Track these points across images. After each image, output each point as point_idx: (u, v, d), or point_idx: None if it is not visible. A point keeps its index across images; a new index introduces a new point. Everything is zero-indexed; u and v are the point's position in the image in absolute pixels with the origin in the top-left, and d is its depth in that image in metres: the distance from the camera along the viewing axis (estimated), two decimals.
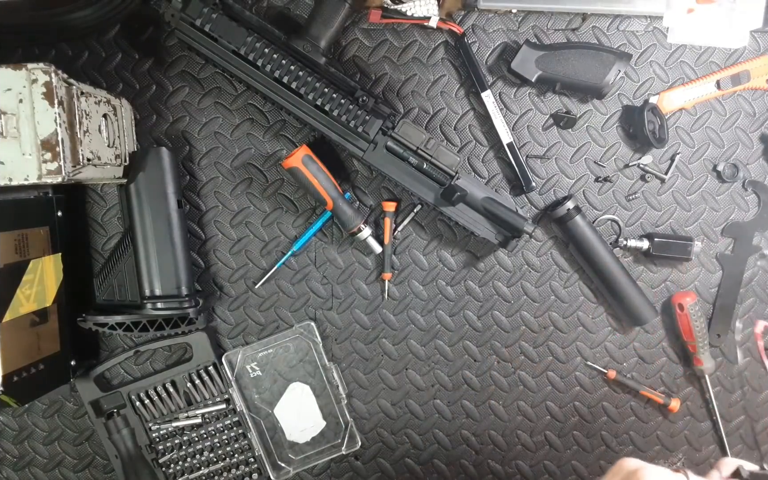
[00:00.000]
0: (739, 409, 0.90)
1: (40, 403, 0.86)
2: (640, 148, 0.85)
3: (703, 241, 0.86)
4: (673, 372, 0.89)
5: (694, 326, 0.84)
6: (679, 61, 0.84)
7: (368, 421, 0.89)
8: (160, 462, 0.86)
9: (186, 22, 0.72)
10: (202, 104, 0.83)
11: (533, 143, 0.84)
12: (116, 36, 0.82)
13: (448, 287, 0.87)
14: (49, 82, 0.64)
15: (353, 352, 0.88)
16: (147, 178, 0.77)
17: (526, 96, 0.84)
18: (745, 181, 0.86)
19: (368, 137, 0.76)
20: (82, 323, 0.78)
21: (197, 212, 0.85)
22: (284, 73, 0.74)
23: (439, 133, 0.84)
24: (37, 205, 0.74)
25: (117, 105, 0.77)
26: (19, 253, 0.70)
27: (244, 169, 0.84)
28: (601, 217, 0.86)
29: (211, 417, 0.86)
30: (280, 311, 0.86)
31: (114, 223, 0.84)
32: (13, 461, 0.88)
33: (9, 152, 0.64)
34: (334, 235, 0.85)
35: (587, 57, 0.79)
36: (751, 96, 0.85)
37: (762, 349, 0.79)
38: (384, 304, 0.86)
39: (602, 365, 0.88)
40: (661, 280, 0.87)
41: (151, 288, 0.77)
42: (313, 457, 0.88)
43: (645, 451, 0.90)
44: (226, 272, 0.86)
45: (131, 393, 0.85)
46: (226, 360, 0.85)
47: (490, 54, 0.83)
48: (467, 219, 0.79)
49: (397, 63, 0.83)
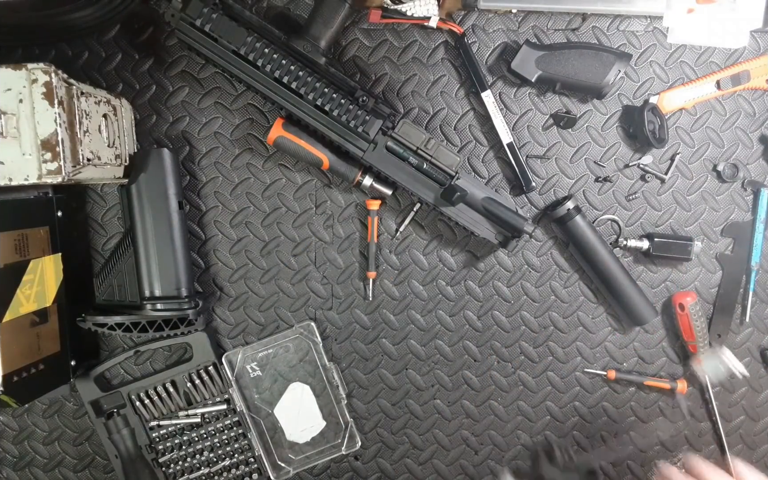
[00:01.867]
0: (739, 409, 0.90)
1: (40, 403, 0.86)
2: (640, 148, 0.85)
3: (703, 241, 0.86)
4: (673, 372, 0.89)
5: (694, 326, 0.84)
6: (679, 61, 0.84)
7: (368, 421, 0.89)
8: (160, 462, 0.86)
9: (186, 22, 0.72)
10: (202, 104, 0.83)
11: (533, 143, 0.84)
12: (116, 36, 0.82)
13: (448, 287, 0.87)
14: (49, 82, 0.64)
15: (353, 352, 0.88)
16: (148, 179, 0.77)
17: (526, 96, 0.84)
18: (745, 181, 0.86)
19: (368, 137, 0.76)
20: (82, 323, 0.78)
21: (197, 212, 0.85)
22: (284, 73, 0.74)
23: (439, 133, 0.84)
24: (37, 205, 0.74)
25: (117, 105, 0.77)
26: (19, 253, 0.70)
27: (244, 168, 0.84)
28: (601, 217, 0.86)
29: (211, 417, 0.87)
30: (280, 311, 0.86)
31: (114, 223, 0.84)
32: (13, 461, 0.88)
33: (9, 152, 0.64)
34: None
35: (587, 57, 0.79)
36: (751, 96, 0.85)
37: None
38: (383, 304, 0.87)
39: (602, 365, 0.88)
40: (661, 280, 0.87)
41: (151, 289, 0.77)
42: (313, 457, 0.88)
43: (645, 451, 0.90)
44: (226, 272, 0.86)
45: (131, 393, 0.85)
46: (226, 360, 0.85)
47: (490, 54, 0.83)
48: (467, 219, 0.79)
49: (397, 63, 0.83)
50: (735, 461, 0.69)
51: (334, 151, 0.79)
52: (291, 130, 0.78)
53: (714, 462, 0.66)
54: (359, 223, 0.85)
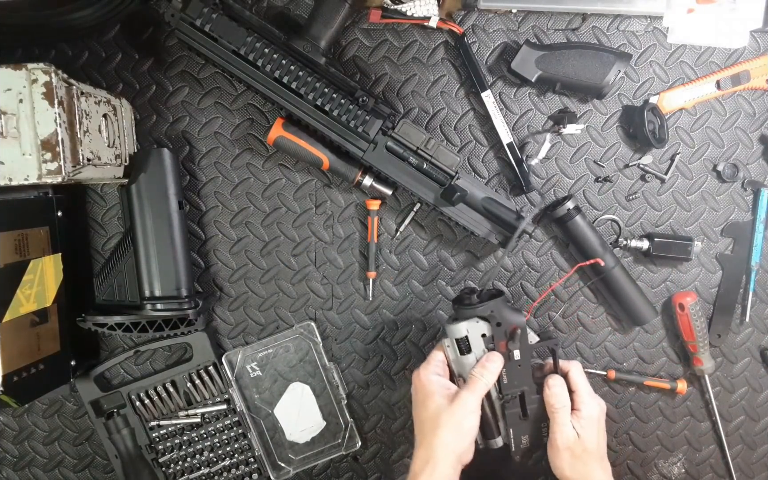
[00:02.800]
0: (739, 409, 0.90)
1: (40, 403, 0.87)
2: (640, 148, 0.85)
3: (703, 241, 0.86)
4: (673, 372, 0.89)
5: (694, 326, 0.84)
6: (679, 61, 0.84)
7: (368, 421, 0.89)
8: (160, 462, 0.86)
9: (186, 22, 0.72)
10: (202, 104, 0.83)
11: (533, 143, 0.84)
12: (116, 36, 0.82)
13: (448, 287, 0.87)
14: (49, 82, 0.64)
15: (353, 352, 0.88)
16: (148, 180, 0.77)
17: (526, 96, 0.84)
18: (745, 181, 0.86)
19: (368, 137, 0.76)
20: (82, 323, 0.78)
21: (197, 212, 0.85)
22: (284, 73, 0.74)
23: (439, 133, 0.84)
24: (37, 205, 0.74)
25: (117, 105, 0.77)
26: (19, 253, 0.70)
27: (244, 168, 0.84)
28: (601, 217, 0.86)
29: (211, 417, 0.87)
30: (280, 311, 0.86)
31: (114, 223, 0.84)
32: (13, 461, 0.88)
33: (9, 152, 0.64)
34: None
35: (587, 57, 0.79)
36: (751, 96, 0.85)
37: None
38: (383, 304, 0.87)
39: (602, 365, 0.88)
40: (661, 280, 0.87)
41: (151, 289, 0.77)
42: (313, 457, 0.88)
43: (645, 451, 0.90)
44: (226, 272, 0.86)
45: (131, 393, 0.85)
46: (226, 360, 0.85)
47: (490, 54, 0.83)
48: (467, 219, 0.79)
49: (397, 63, 0.83)
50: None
51: (334, 151, 0.79)
52: (291, 130, 0.78)
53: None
54: (359, 223, 0.85)
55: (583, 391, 0.72)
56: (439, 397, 0.68)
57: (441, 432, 0.66)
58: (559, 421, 0.70)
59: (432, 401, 0.69)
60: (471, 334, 0.71)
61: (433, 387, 0.69)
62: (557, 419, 0.70)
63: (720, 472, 0.90)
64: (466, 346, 0.71)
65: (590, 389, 0.73)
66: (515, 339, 0.71)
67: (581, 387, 0.72)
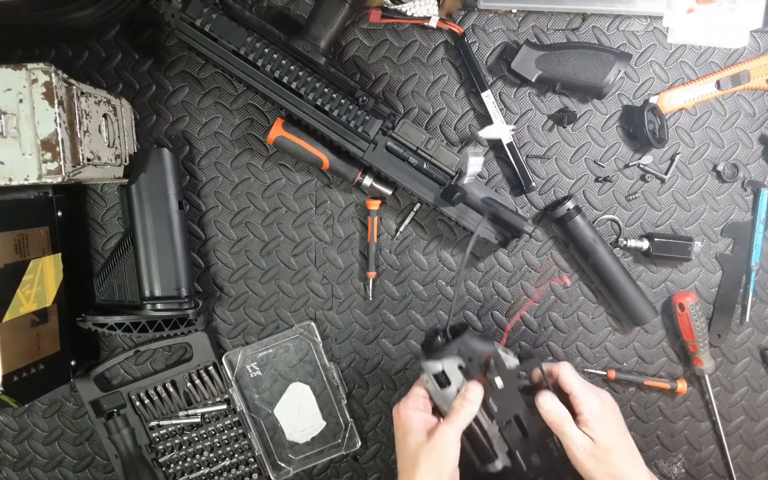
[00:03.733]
0: (739, 409, 0.90)
1: (40, 403, 0.87)
2: (640, 148, 0.85)
3: (703, 241, 0.86)
4: (673, 372, 0.89)
5: (694, 326, 0.84)
6: (679, 61, 0.84)
7: (368, 421, 0.89)
8: (160, 462, 0.86)
9: (186, 22, 0.72)
10: (202, 104, 0.83)
11: (533, 143, 0.84)
12: (116, 36, 0.82)
13: (448, 287, 0.87)
14: (49, 82, 0.64)
15: (353, 352, 0.88)
16: (149, 180, 0.77)
17: (526, 96, 0.84)
18: (745, 181, 0.86)
19: (368, 137, 0.76)
20: (82, 323, 0.78)
21: (197, 212, 0.85)
22: (284, 73, 0.74)
23: (439, 133, 0.84)
24: (37, 205, 0.74)
25: (117, 105, 0.77)
26: (19, 253, 0.70)
27: (244, 168, 0.84)
28: (601, 217, 0.86)
29: (211, 417, 0.87)
30: (280, 311, 0.86)
31: (114, 223, 0.84)
32: (13, 461, 0.88)
33: (9, 152, 0.64)
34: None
35: (587, 57, 0.79)
36: (751, 96, 0.85)
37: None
38: (383, 304, 0.87)
39: (602, 365, 0.88)
40: (661, 280, 0.87)
41: (151, 289, 0.77)
42: (313, 457, 0.88)
43: (645, 451, 0.90)
44: (226, 272, 0.86)
45: (131, 393, 0.85)
46: (226, 360, 0.85)
47: (490, 54, 0.83)
48: (467, 219, 0.79)
49: (397, 63, 0.83)
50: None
51: (334, 151, 0.79)
52: (291, 130, 0.78)
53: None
54: (359, 223, 0.85)
55: (578, 391, 0.68)
56: (418, 434, 0.67)
57: (420, 469, 0.65)
58: (567, 433, 0.67)
59: (411, 437, 0.67)
60: (447, 367, 0.69)
61: (412, 423, 0.68)
62: (564, 433, 0.67)
63: (720, 472, 0.90)
64: (444, 379, 0.69)
65: (585, 386, 0.69)
66: (491, 369, 0.68)
67: (575, 387, 0.69)
